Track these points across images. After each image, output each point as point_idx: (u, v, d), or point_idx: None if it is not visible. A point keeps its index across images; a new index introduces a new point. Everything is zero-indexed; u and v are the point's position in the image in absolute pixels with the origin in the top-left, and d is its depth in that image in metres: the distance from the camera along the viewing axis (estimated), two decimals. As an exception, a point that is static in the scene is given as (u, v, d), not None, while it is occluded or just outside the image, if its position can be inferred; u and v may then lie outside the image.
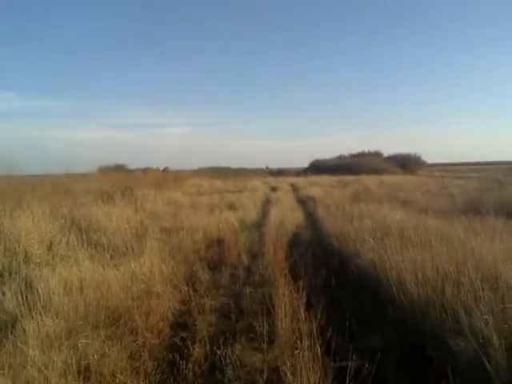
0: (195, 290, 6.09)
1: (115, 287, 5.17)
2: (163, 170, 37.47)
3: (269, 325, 4.37)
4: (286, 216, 11.33)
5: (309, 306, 4.53)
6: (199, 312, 5.26)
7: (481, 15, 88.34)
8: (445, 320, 3.79)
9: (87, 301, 4.77)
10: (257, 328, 4.43)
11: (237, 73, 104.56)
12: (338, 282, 5.68)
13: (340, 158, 64.08)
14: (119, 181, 16.66)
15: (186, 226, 9.55)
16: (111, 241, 7.75)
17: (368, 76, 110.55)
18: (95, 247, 7.15)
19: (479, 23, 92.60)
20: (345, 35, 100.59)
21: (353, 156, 62.76)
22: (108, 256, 6.56)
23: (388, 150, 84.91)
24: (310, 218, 12.82)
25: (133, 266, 6.06)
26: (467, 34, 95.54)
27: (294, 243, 8.45)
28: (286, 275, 5.69)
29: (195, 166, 45.82)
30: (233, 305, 5.46)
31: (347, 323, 4.07)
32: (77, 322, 4.34)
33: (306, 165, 63.39)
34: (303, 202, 17.97)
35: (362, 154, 61.53)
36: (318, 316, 4.13)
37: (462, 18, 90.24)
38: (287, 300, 4.57)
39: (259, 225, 11.56)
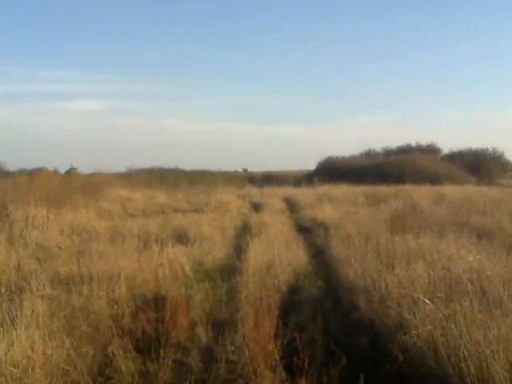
0: (109, 395, 5.94)
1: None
2: (66, 174, 37.02)
3: None
4: (278, 255, 11.21)
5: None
6: None
7: None
8: None
9: None
10: None
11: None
12: (371, 381, 5.49)
13: (368, 155, 64.82)
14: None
15: (100, 272, 9.41)
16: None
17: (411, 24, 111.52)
18: None
19: None
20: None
21: (389, 152, 63.48)
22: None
23: (449, 144, 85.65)
24: (320, 259, 12.77)
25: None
26: None
27: (290, 306, 8.38)
28: (275, 366, 5.69)
29: (121, 167, 45.29)
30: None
31: None
32: None
33: (311, 166, 63.83)
34: (307, 230, 18.00)
35: (405, 150, 62.43)
36: None
37: None
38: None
39: (230, 271, 11.45)
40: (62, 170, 40.19)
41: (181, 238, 14.43)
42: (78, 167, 40.75)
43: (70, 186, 25.50)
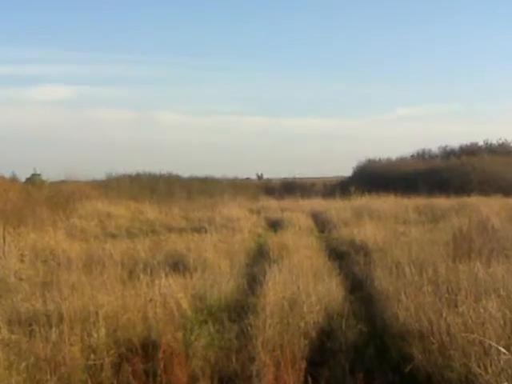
0: None
1: None
2: (28, 182, 37.18)
3: None
4: (304, 289, 11.20)
5: None
6: None
7: None
8: None
9: None
10: None
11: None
12: None
13: (422, 157, 64.81)
14: None
15: (72, 310, 9.46)
16: None
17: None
18: None
19: None
20: None
21: (450, 153, 63.32)
22: None
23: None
24: (359, 293, 12.85)
25: None
26: None
27: (321, 355, 8.42)
28: None
29: (99, 173, 45.64)
30: None
31: None
32: None
33: (346, 171, 64.12)
34: (342, 255, 18.10)
35: (470, 150, 62.11)
36: None
37: None
38: None
39: (241, 309, 11.47)
40: (23, 177, 40.37)
41: (177, 265, 14.44)
42: (43, 173, 40.75)
43: (33, 198, 25.62)
